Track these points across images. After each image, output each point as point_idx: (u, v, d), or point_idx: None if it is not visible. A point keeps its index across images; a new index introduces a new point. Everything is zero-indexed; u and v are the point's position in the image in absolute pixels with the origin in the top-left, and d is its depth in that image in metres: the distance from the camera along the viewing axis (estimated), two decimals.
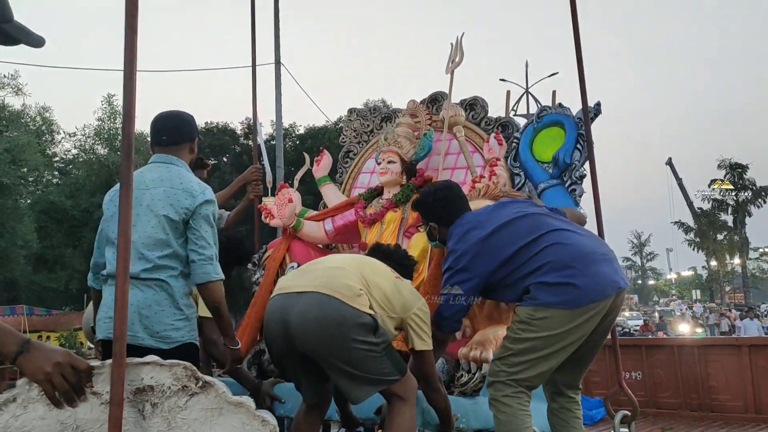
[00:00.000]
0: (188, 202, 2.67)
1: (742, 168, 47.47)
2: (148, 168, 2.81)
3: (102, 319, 2.68)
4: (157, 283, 2.60)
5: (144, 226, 2.64)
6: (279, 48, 16.15)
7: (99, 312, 2.74)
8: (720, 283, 51.78)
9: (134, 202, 2.57)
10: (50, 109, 22.60)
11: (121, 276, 1.62)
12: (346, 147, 5.11)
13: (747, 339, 7.31)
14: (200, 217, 2.67)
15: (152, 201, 2.67)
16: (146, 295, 2.58)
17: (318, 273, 2.73)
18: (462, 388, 3.39)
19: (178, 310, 2.63)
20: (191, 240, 2.66)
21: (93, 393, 1.65)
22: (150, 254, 2.61)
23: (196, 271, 2.65)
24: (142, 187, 2.69)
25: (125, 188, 1.64)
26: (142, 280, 2.58)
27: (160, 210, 2.65)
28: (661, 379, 6.16)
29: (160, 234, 2.63)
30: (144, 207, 2.66)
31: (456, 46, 4.26)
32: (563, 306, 2.66)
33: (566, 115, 4.07)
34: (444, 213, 3.09)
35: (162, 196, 2.67)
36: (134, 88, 1.66)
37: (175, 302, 2.62)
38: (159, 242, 2.63)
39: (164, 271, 2.62)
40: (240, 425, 1.66)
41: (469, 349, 3.45)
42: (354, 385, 2.63)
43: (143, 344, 2.51)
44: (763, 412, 5.60)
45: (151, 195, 2.68)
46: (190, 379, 1.67)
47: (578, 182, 3.93)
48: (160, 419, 1.66)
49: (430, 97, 4.74)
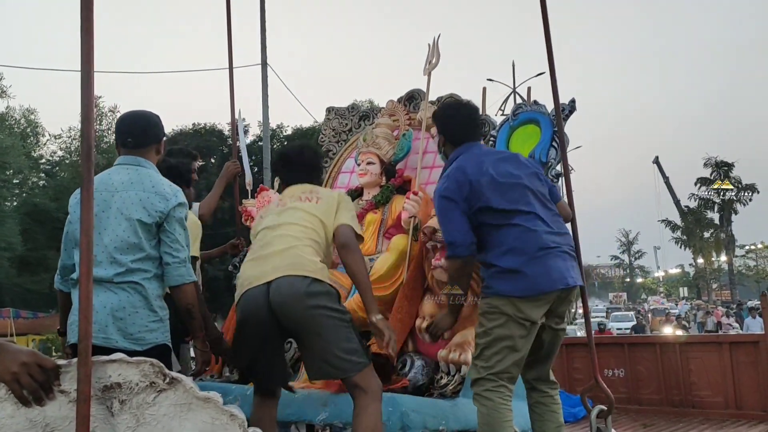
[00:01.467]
0: (162, 205, 2.67)
1: (728, 166, 47.85)
2: (114, 170, 2.79)
3: (74, 323, 2.64)
4: (131, 285, 2.60)
5: (115, 229, 2.63)
6: (265, 49, 16.15)
7: (70, 316, 2.72)
8: (707, 281, 52.17)
9: (103, 205, 2.64)
10: (35, 111, 22.47)
11: (84, 276, 1.63)
12: (325, 147, 5.07)
13: (728, 336, 7.39)
14: (174, 220, 2.69)
15: (123, 204, 2.66)
16: (120, 298, 2.58)
17: (276, 259, 2.80)
18: (441, 390, 3.39)
19: (152, 312, 2.63)
20: (165, 243, 2.67)
21: (61, 391, 1.66)
22: (123, 258, 2.60)
23: (171, 273, 2.66)
24: (111, 189, 2.69)
25: (86, 191, 1.65)
26: (115, 284, 2.58)
27: (133, 214, 2.64)
28: (644, 376, 6.20)
29: (132, 238, 2.62)
30: (114, 210, 2.65)
31: (433, 47, 4.26)
32: (514, 294, 2.83)
33: (541, 112, 4.06)
34: (449, 129, 3.23)
35: (134, 199, 2.67)
36: (92, 90, 1.67)
37: (149, 304, 2.62)
38: (132, 246, 2.62)
39: (137, 274, 2.62)
40: (209, 420, 1.67)
41: (448, 352, 3.46)
42: (321, 362, 2.75)
43: (117, 346, 2.50)
44: (743, 407, 5.66)
45: (122, 198, 2.68)
46: (158, 376, 1.68)
47: (554, 180, 3.93)
48: (128, 416, 1.67)
49: (407, 95, 4.71)
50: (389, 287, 3.78)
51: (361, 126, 4.98)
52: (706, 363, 5.93)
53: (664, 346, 6.24)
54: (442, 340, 3.59)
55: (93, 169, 1.67)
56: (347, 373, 2.73)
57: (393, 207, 4.16)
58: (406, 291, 3.71)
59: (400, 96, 4.71)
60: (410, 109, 4.63)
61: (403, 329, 3.64)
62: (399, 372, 3.55)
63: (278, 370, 2.93)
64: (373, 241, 4.10)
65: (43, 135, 25.19)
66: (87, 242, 1.66)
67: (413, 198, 3.86)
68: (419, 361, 3.55)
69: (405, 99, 4.69)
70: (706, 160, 48.23)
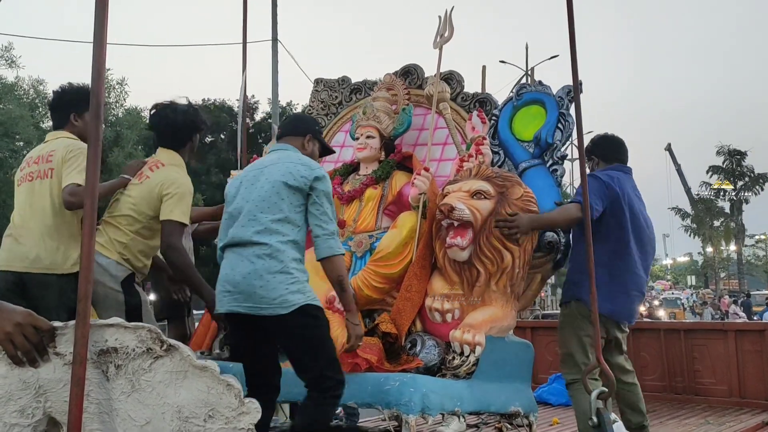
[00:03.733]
0: (306, 172, 2.83)
1: (741, 155, 47.43)
2: (268, 155, 3.10)
3: (220, 292, 2.80)
4: (266, 251, 2.72)
5: (258, 191, 2.82)
6: (276, 25, 16.04)
7: (218, 286, 2.84)
8: (715, 270, 51.95)
9: (252, 179, 2.88)
10: (44, 82, 22.37)
11: (87, 236, 1.61)
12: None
13: (733, 324, 7.35)
14: (322, 193, 2.83)
15: (270, 174, 2.87)
16: (256, 266, 2.71)
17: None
18: (455, 371, 3.38)
19: (289, 274, 2.72)
20: (314, 215, 2.81)
21: (56, 353, 1.65)
22: (262, 216, 2.76)
23: (320, 245, 2.79)
24: (259, 167, 2.95)
25: (93, 148, 1.62)
26: (254, 246, 2.72)
27: (278, 177, 2.83)
28: (647, 362, 6.18)
29: (273, 197, 2.79)
30: (262, 180, 2.86)
31: (445, 20, 4.18)
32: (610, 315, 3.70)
33: (547, 93, 4.01)
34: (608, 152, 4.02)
35: (281, 167, 2.87)
36: (104, 44, 1.63)
37: (285, 267, 2.72)
38: (271, 205, 2.78)
39: (275, 235, 2.74)
40: (205, 389, 1.66)
41: (461, 332, 3.44)
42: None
43: (262, 313, 2.68)
44: (747, 396, 5.63)
45: (269, 171, 2.88)
46: (155, 342, 1.67)
47: (559, 162, 3.88)
48: (124, 381, 1.67)
49: (402, 70, 4.60)
50: (397, 265, 3.74)
51: (352, 99, 4.85)
52: (710, 351, 5.90)
53: (668, 333, 6.21)
54: (453, 320, 3.57)
55: (101, 127, 1.65)
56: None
57: (393, 183, 4.09)
58: (416, 269, 3.68)
59: (396, 70, 4.60)
60: (408, 84, 4.53)
61: (412, 308, 3.62)
62: (408, 352, 3.54)
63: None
64: (372, 217, 4.05)
65: None
66: (91, 204, 1.63)
67: (424, 174, 3.79)
68: (430, 341, 3.54)
69: (401, 73, 4.58)
70: (719, 148, 47.81)
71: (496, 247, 3.55)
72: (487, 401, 3.44)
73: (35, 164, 3.40)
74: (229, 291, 2.75)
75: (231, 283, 2.75)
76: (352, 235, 4.03)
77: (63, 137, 3.44)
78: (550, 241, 3.79)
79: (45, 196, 3.30)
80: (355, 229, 4.04)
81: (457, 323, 3.55)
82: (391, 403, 3.07)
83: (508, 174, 3.83)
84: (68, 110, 3.47)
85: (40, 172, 3.34)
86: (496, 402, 3.51)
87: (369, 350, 3.36)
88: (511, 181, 3.73)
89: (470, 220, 3.55)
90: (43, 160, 3.38)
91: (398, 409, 3.05)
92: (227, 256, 2.84)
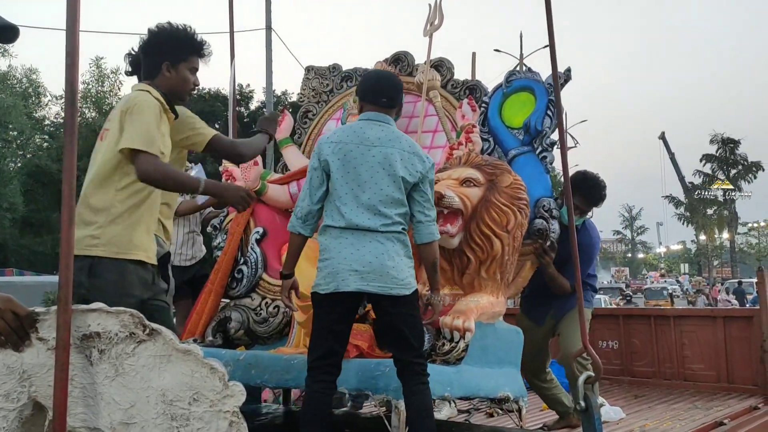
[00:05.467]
0: (420, 166, 2.90)
1: (734, 143, 47.60)
2: (365, 124, 2.96)
3: (344, 272, 2.79)
4: (394, 234, 2.83)
5: (378, 183, 2.84)
6: (270, 13, 15.98)
7: (336, 265, 2.81)
8: (708, 258, 52.23)
9: (360, 158, 2.86)
10: (37, 71, 22.26)
11: (66, 223, 1.62)
12: (304, 107, 4.92)
13: (722, 310, 7.38)
14: (428, 182, 2.93)
15: (384, 160, 2.86)
16: (387, 247, 2.80)
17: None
18: (445, 357, 3.40)
19: (409, 258, 2.88)
20: (419, 202, 2.90)
21: (39, 338, 1.66)
22: (388, 211, 2.83)
23: (422, 231, 2.90)
24: (367, 143, 2.89)
25: (69, 137, 1.62)
26: (381, 233, 2.80)
27: (399, 171, 2.85)
28: (637, 348, 6.22)
29: (396, 194, 2.85)
30: (376, 164, 2.85)
31: (435, 8, 4.18)
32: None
33: (536, 80, 4.01)
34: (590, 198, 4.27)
35: (397, 157, 2.87)
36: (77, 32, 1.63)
37: (408, 252, 2.87)
38: (396, 201, 2.85)
39: (398, 225, 2.85)
40: (189, 372, 1.67)
41: (451, 319, 3.46)
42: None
43: (391, 293, 2.78)
44: (735, 381, 5.67)
45: (382, 153, 2.87)
46: (138, 326, 1.68)
47: (549, 149, 3.89)
48: (107, 365, 1.68)
49: (392, 57, 4.58)
50: None
51: (343, 87, 4.83)
52: (699, 337, 5.93)
53: (658, 319, 6.25)
54: (444, 306, 3.59)
55: (77, 114, 1.64)
56: None
57: None
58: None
59: (387, 58, 4.58)
60: (399, 71, 4.49)
61: None
62: None
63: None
64: None
65: (45, 95, 25.02)
66: (69, 191, 1.63)
67: None
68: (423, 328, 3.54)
69: (391, 61, 4.56)
70: (713, 136, 48.01)
71: (485, 235, 3.56)
72: (477, 386, 3.46)
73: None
74: (356, 270, 2.77)
75: (360, 263, 2.78)
76: None
77: (136, 90, 2.77)
78: (539, 228, 3.81)
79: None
80: None
81: (447, 309, 3.56)
82: (381, 389, 3.09)
83: (497, 162, 3.84)
84: (162, 57, 2.81)
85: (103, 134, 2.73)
86: (485, 387, 3.53)
87: (359, 337, 3.38)
88: (501, 169, 3.74)
89: (460, 207, 3.56)
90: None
91: (388, 395, 3.07)
92: (345, 236, 2.83)
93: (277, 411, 4.41)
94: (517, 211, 3.60)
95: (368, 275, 2.77)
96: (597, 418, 3.21)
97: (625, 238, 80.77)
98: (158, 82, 2.79)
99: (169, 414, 1.66)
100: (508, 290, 3.77)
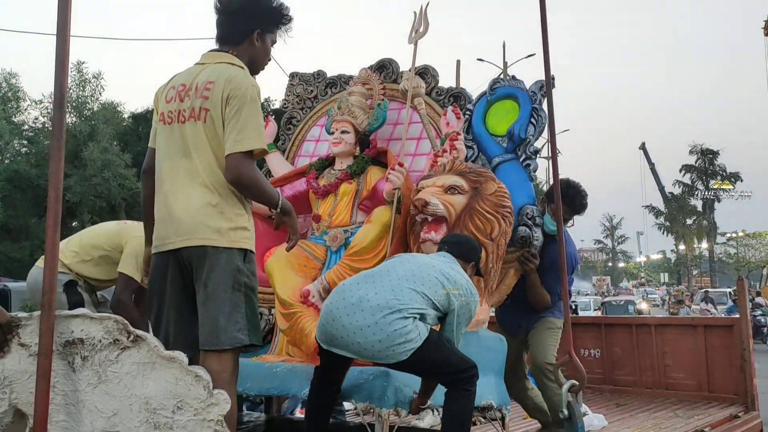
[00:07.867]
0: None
1: (714, 154, 48.21)
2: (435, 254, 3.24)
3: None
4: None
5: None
6: None
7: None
8: (688, 267, 52.76)
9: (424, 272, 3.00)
10: (17, 76, 21.99)
11: (51, 228, 1.59)
12: (288, 113, 4.92)
13: (703, 319, 7.43)
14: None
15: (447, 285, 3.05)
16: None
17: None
18: None
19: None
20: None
21: (20, 345, 1.63)
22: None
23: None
24: (430, 263, 3.09)
25: (57, 140, 1.60)
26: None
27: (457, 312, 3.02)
28: (619, 357, 6.25)
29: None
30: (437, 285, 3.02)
31: (420, 15, 4.19)
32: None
33: (520, 88, 4.04)
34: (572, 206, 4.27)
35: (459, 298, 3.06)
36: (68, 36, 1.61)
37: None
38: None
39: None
40: (173, 380, 1.65)
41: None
42: None
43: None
44: (715, 390, 5.71)
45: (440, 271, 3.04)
46: (122, 333, 1.65)
47: (532, 157, 3.92)
48: (90, 372, 1.65)
49: (377, 64, 4.59)
50: (372, 259, 3.73)
51: (327, 93, 4.83)
52: (680, 345, 5.97)
53: (640, 328, 6.29)
54: None
55: (64, 118, 1.62)
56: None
57: (368, 178, 4.07)
58: None
59: (371, 65, 4.59)
60: (384, 78, 4.52)
61: None
62: None
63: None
64: (347, 211, 4.04)
65: (25, 100, 24.70)
66: (55, 195, 1.61)
67: (398, 169, 3.78)
68: None
69: (376, 68, 4.57)
70: (692, 147, 48.59)
71: None
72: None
73: (179, 100, 2.43)
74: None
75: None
76: (327, 229, 4.03)
77: (226, 62, 2.46)
78: (522, 236, 3.83)
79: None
80: (330, 223, 4.03)
81: None
82: (364, 396, 3.08)
83: (481, 169, 3.85)
84: (255, 24, 2.52)
85: (186, 112, 2.40)
86: None
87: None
88: (485, 177, 3.75)
89: (444, 215, 3.57)
90: (197, 92, 2.39)
91: (371, 403, 3.06)
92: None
93: (258, 420, 4.37)
94: (501, 219, 3.61)
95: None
96: (580, 427, 3.22)
97: (606, 247, 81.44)
98: (242, 50, 2.49)
99: (153, 422, 1.64)
100: (491, 298, 3.77)
